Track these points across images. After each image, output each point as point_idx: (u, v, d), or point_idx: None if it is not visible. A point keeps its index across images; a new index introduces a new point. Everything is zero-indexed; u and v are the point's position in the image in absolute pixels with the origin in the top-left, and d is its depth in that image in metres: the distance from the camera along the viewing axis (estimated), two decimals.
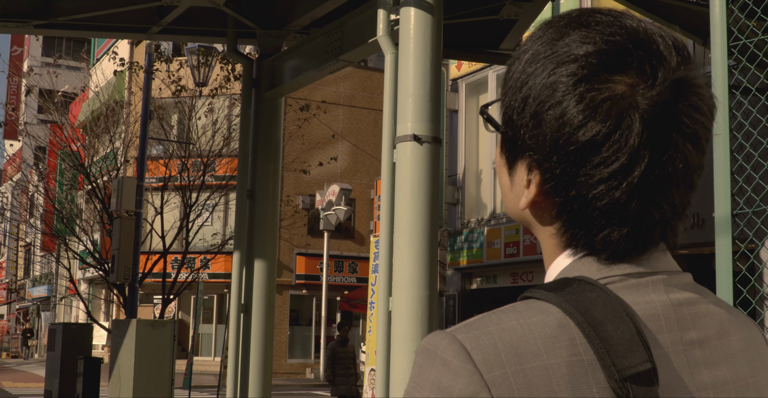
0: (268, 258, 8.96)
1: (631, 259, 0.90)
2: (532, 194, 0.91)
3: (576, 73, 0.86)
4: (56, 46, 48.60)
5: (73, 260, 21.87)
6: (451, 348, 0.82)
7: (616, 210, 0.88)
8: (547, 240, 0.94)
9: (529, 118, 0.89)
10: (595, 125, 0.85)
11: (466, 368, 0.81)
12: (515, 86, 0.91)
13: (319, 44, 8.23)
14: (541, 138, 0.88)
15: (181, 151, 20.28)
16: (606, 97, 0.85)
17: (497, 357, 0.81)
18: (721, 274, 3.67)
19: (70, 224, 20.30)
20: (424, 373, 0.83)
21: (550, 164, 0.88)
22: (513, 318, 0.84)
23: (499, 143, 0.96)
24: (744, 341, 0.95)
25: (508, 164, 0.94)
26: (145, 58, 16.36)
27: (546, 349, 0.82)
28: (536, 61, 0.89)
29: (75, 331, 13.76)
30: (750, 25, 4.01)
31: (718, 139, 3.74)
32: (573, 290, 0.85)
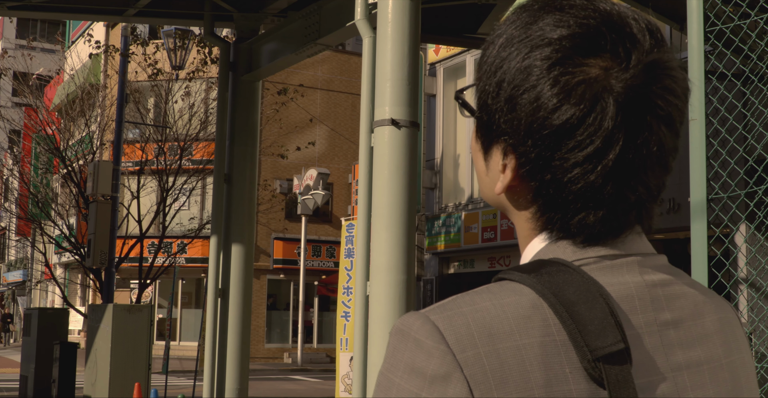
0: (246, 243, 8.94)
1: (606, 242, 0.91)
2: (508, 179, 0.91)
3: (550, 57, 0.86)
4: (30, 28, 48.05)
5: (49, 245, 21.71)
6: (425, 329, 0.82)
7: (592, 193, 0.88)
8: (522, 224, 0.94)
9: (504, 102, 0.88)
10: (570, 108, 0.85)
11: (439, 348, 0.81)
12: (490, 71, 0.91)
13: (296, 28, 8.18)
14: (516, 122, 0.88)
15: (157, 135, 20.16)
16: (580, 81, 0.85)
17: (470, 338, 0.82)
18: (696, 258, 3.69)
19: (46, 208, 20.15)
20: (398, 354, 0.83)
21: (525, 148, 0.88)
22: (486, 299, 0.84)
23: (474, 128, 0.96)
24: (718, 322, 0.95)
25: (483, 149, 0.94)
26: (121, 40, 16.21)
27: (519, 329, 0.82)
28: (510, 46, 0.89)
29: (51, 316, 13.69)
30: (726, 11, 4.02)
31: (694, 124, 3.75)
32: (547, 271, 0.86)
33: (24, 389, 13.52)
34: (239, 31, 9.13)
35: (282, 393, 18.06)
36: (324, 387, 19.90)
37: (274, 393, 17.71)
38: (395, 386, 0.83)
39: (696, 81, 3.80)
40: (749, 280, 7.35)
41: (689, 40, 3.85)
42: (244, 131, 8.94)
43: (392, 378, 0.83)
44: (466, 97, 0.98)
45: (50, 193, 21.43)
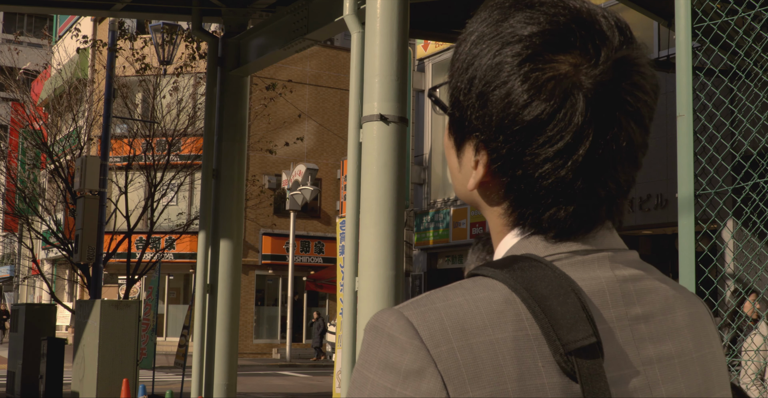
0: (234, 238, 8.93)
1: (577, 237, 0.92)
2: (480, 175, 0.91)
3: (521, 54, 0.87)
4: (17, 22, 47.78)
5: (36, 240, 21.62)
6: (398, 325, 0.83)
7: (563, 189, 0.89)
8: (495, 220, 0.95)
9: (476, 98, 0.90)
10: (540, 104, 0.86)
11: (412, 344, 0.82)
12: (462, 68, 0.92)
13: (284, 23, 8.17)
14: (488, 118, 0.89)
15: (145, 130, 20.09)
16: (550, 77, 0.86)
17: (443, 333, 0.82)
18: (684, 254, 3.71)
19: (33, 203, 20.06)
20: (372, 350, 0.84)
21: (497, 143, 0.89)
22: (459, 295, 0.85)
23: (446, 125, 0.97)
24: (689, 317, 0.96)
25: (456, 146, 0.95)
26: (109, 35, 16.13)
27: (492, 324, 0.83)
28: (482, 43, 0.90)
29: (38, 312, 13.64)
30: (714, 7, 4.03)
31: (681, 120, 3.76)
32: (519, 267, 0.87)
33: (11, 385, 13.47)
34: (227, 26, 9.11)
35: (271, 388, 18.05)
36: (313, 382, 19.91)
37: (263, 389, 17.70)
38: (369, 382, 0.83)
39: (683, 77, 3.81)
40: (736, 275, 7.38)
41: (677, 37, 3.85)
42: (233, 127, 8.92)
43: (366, 374, 0.84)
44: (439, 94, 0.99)
45: (37, 188, 21.34)
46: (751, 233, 6.93)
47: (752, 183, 4.00)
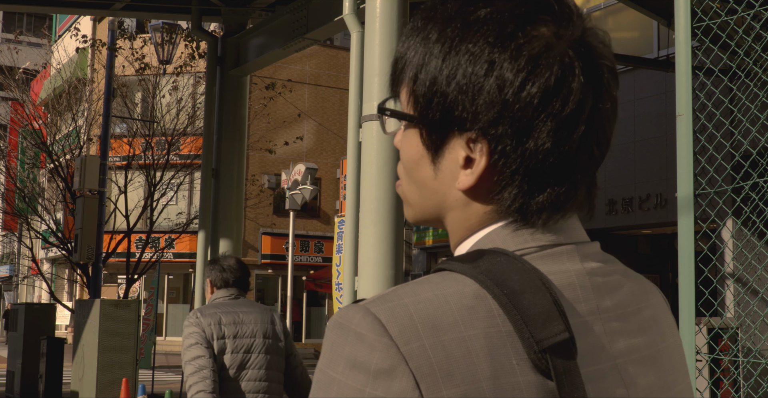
0: (233, 238, 8.93)
1: (545, 229, 0.89)
2: (482, 167, 0.87)
3: (501, 34, 0.86)
4: (17, 21, 47.77)
5: (36, 240, 21.63)
6: (366, 322, 0.80)
7: (563, 165, 0.88)
8: (470, 217, 0.91)
9: (463, 91, 0.86)
10: (538, 77, 0.85)
11: (381, 341, 0.79)
12: (433, 66, 0.88)
13: (284, 22, 8.17)
14: (483, 106, 0.86)
15: (145, 129, 20.08)
16: (539, 49, 0.85)
17: (414, 329, 0.79)
18: (683, 253, 3.70)
19: (32, 203, 20.05)
20: (337, 348, 0.81)
21: (498, 129, 0.86)
22: (428, 290, 0.82)
23: (414, 134, 0.92)
24: (653, 307, 0.96)
25: (433, 151, 0.90)
26: (108, 35, 16.12)
27: (463, 320, 0.80)
28: (447, 37, 0.88)
29: (38, 311, 13.64)
30: (713, 7, 4.03)
31: (681, 119, 3.76)
32: (487, 261, 0.84)
33: (11, 384, 13.47)
34: (227, 26, 9.11)
35: None
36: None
37: None
38: (336, 383, 0.80)
39: (683, 77, 3.80)
40: (736, 275, 7.38)
41: (677, 36, 3.85)
42: (232, 126, 8.92)
43: (332, 375, 0.80)
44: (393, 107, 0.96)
45: (37, 188, 21.34)
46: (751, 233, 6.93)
47: (751, 183, 4.00)
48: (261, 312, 4.32)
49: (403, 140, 0.94)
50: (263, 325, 4.27)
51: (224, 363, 4.13)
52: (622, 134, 13.51)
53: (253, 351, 4.21)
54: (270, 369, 4.25)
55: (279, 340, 4.32)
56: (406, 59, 0.91)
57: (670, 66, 10.29)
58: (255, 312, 4.30)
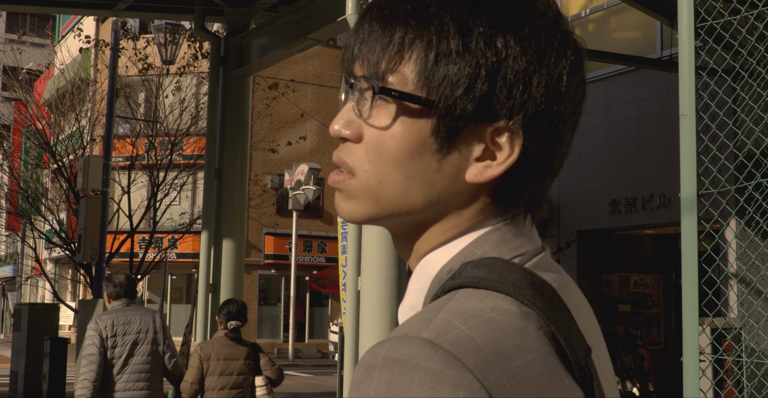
0: (237, 238, 8.94)
1: (529, 232, 0.88)
2: (513, 159, 0.82)
3: (546, 33, 0.85)
4: (20, 22, 47.83)
5: (39, 240, 21.63)
6: (438, 356, 0.71)
7: (556, 162, 0.89)
8: (461, 214, 0.86)
9: (512, 80, 0.82)
10: (571, 76, 0.85)
11: (464, 377, 0.71)
12: (474, 57, 0.82)
13: (287, 22, 8.17)
14: (525, 98, 0.82)
15: (148, 129, 20.10)
16: (573, 50, 0.87)
17: (486, 361, 0.73)
18: (687, 254, 3.70)
19: (36, 203, 20.08)
20: (400, 389, 0.70)
21: (539, 121, 0.83)
22: (475, 314, 0.76)
23: (418, 120, 0.83)
24: (588, 307, 0.93)
25: (444, 141, 0.83)
26: (111, 35, 16.13)
27: (522, 344, 0.75)
28: (496, 33, 0.83)
29: (41, 311, 13.66)
30: (717, 7, 4.03)
31: (684, 119, 3.76)
32: (507, 275, 0.79)
33: (14, 384, 13.48)
34: (230, 26, 9.11)
35: None
36: (315, 382, 19.91)
37: None
38: None
39: (686, 77, 3.80)
40: (739, 275, 7.37)
41: (680, 36, 3.85)
42: (235, 126, 8.92)
43: None
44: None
45: (40, 188, 21.36)
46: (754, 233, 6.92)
47: (755, 183, 4.00)
48: (145, 313, 5.82)
49: (395, 126, 0.83)
50: (146, 324, 5.75)
51: (116, 353, 5.63)
52: (625, 134, 13.50)
53: (139, 342, 5.70)
54: (151, 355, 5.74)
55: (157, 333, 5.77)
56: (415, 34, 0.82)
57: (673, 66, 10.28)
58: (140, 314, 5.79)
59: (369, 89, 0.84)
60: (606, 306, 14.45)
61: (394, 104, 0.83)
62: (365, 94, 0.85)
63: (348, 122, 0.88)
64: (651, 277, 15.15)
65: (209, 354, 6.06)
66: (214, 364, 6.04)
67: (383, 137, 0.84)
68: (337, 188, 0.90)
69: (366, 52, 0.85)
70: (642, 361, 14.02)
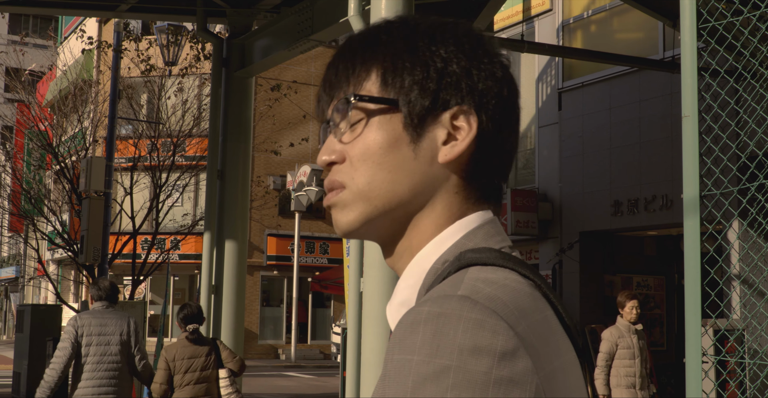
0: (239, 239, 8.93)
1: (501, 229, 1.02)
2: (473, 134, 0.98)
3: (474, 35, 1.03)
4: (23, 23, 47.88)
5: (42, 241, 21.67)
6: (478, 308, 0.84)
7: (514, 147, 1.05)
8: (450, 201, 1.00)
9: (456, 74, 0.99)
10: (504, 68, 1.03)
11: (501, 325, 0.83)
12: (428, 52, 1.00)
13: (289, 24, 8.17)
14: (478, 83, 0.99)
15: (150, 131, 20.11)
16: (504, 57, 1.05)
17: (513, 314, 0.85)
18: (689, 255, 3.70)
19: (38, 204, 20.09)
20: (446, 338, 0.82)
21: (488, 101, 0.99)
22: (492, 281, 0.89)
23: (390, 118, 0.99)
24: None
25: (414, 132, 0.98)
26: (114, 36, 16.14)
27: (535, 305, 0.89)
28: (440, 41, 1.01)
29: (44, 312, 13.65)
30: (719, 8, 4.03)
31: (686, 121, 3.76)
32: (507, 257, 0.94)
33: (17, 385, 13.49)
34: (232, 27, 9.12)
35: (276, 389, 18.06)
36: (318, 383, 19.91)
37: (268, 390, 17.71)
38: (453, 369, 0.81)
39: (689, 78, 3.80)
40: (742, 276, 7.37)
41: (682, 37, 3.85)
42: (237, 127, 8.92)
43: (445, 363, 0.81)
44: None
45: (43, 189, 21.37)
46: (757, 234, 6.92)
47: (758, 184, 3.99)
48: (120, 317, 6.49)
49: (372, 131, 0.99)
50: (120, 327, 6.41)
51: (90, 351, 6.26)
52: (627, 135, 13.49)
53: (112, 343, 6.35)
54: (122, 355, 6.38)
55: (129, 337, 6.43)
56: (373, 58, 1.00)
57: (676, 67, 10.28)
58: (116, 317, 6.46)
59: (344, 111, 1.00)
60: (608, 307, 14.45)
61: (367, 114, 1.00)
62: (341, 120, 1.01)
63: (332, 150, 1.02)
64: (653, 278, 15.14)
65: (174, 355, 6.57)
66: (179, 364, 6.54)
67: (365, 142, 0.99)
68: (332, 205, 1.02)
69: (336, 91, 1.03)
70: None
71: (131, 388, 6.64)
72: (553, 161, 14.94)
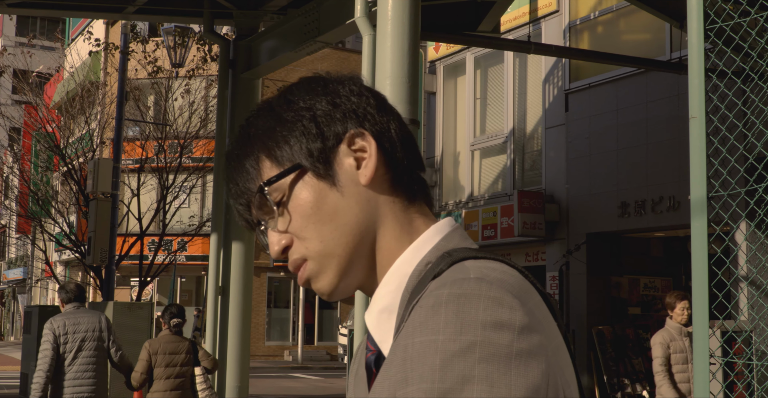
0: (245, 240, 8.94)
1: (466, 234, 1.08)
2: (374, 158, 1.05)
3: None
4: (30, 25, 48.01)
5: (49, 243, 21.71)
6: (494, 287, 0.90)
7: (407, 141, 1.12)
8: (397, 216, 1.06)
9: (326, 110, 1.07)
10: (377, 97, 1.12)
11: (516, 302, 0.89)
12: (310, 114, 1.08)
13: (296, 25, 8.17)
14: (360, 110, 1.08)
15: (157, 132, 20.15)
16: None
17: (520, 294, 0.92)
18: (697, 256, 3.69)
19: (46, 205, 20.14)
20: (468, 316, 0.87)
21: (374, 119, 1.08)
22: (491, 269, 0.95)
23: (303, 181, 1.06)
24: None
25: (329, 176, 1.05)
26: (121, 38, 16.18)
27: (529, 291, 0.95)
28: (316, 96, 1.10)
29: (51, 314, 13.63)
30: (726, 9, 4.02)
31: (694, 122, 3.75)
32: (492, 254, 1.00)
33: (24, 386, 13.51)
34: (239, 29, 9.13)
35: (282, 390, 18.07)
36: (324, 384, 19.91)
37: (275, 391, 17.72)
38: (478, 344, 0.86)
39: (696, 79, 3.79)
40: (749, 278, 7.35)
41: (689, 38, 3.84)
42: None
43: (470, 339, 0.86)
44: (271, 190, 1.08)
45: (50, 191, 21.43)
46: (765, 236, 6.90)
47: (765, 185, 3.98)
48: (92, 315, 6.98)
49: (296, 199, 1.06)
50: (93, 324, 6.90)
51: (68, 348, 6.78)
52: (634, 136, 13.47)
53: (86, 340, 6.84)
54: (97, 350, 6.90)
55: (103, 332, 6.93)
56: (255, 152, 1.08)
57: (683, 68, 10.25)
58: (88, 315, 6.94)
59: (265, 203, 1.07)
60: (615, 308, 14.42)
61: (284, 194, 1.06)
62: (268, 215, 1.07)
63: (278, 240, 1.08)
64: (661, 280, 15.10)
65: (157, 349, 7.32)
66: (160, 358, 7.29)
67: (297, 212, 1.05)
68: (306, 279, 1.08)
69: (246, 197, 1.09)
70: (652, 364, 13.97)
71: (107, 380, 7.21)
72: (559, 163, 14.92)
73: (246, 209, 1.10)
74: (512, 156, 16.11)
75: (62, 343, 6.80)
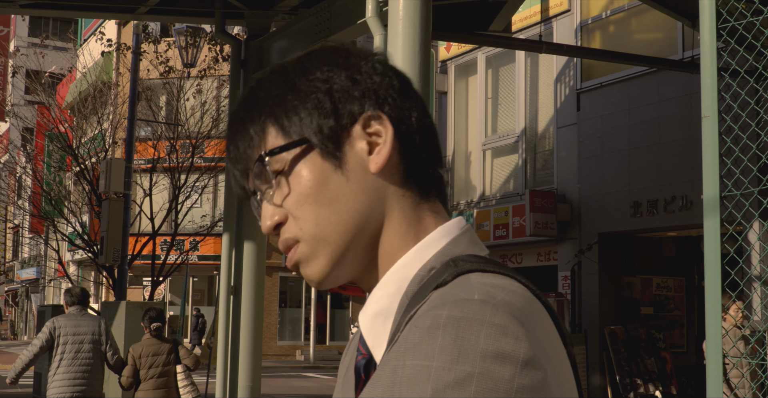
0: (258, 240, 8.96)
1: (477, 238, 1.01)
2: (389, 145, 0.97)
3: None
4: (43, 26, 48.21)
5: (62, 242, 21.80)
6: (500, 314, 0.81)
7: (429, 133, 1.04)
8: (405, 209, 0.98)
9: (349, 86, 0.99)
10: (399, 75, 1.05)
11: (523, 331, 0.81)
12: (330, 86, 1.00)
13: (307, 25, 8.18)
14: (363, 92, 0.99)
15: (169, 132, 20.20)
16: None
17: (528, 320, 0.83)
18: (710, 256, 3.68)
19: (59, 205, 20.22)
20: (468, 343, 0.79)
21: (394, 102, 0.99)
22: (500, 288, 0.86)
23: (308, 158, 0.98)
24: None
25: (336, 158, 0.97)
26: (133, 38, 16.24)
27: (538, 315, 0.86)
28: (335, 68, 1.02)
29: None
30: (739, 8, 4.00)
31: (706, 121, 3.74)
32: (500, 265, 0.92)
33: (38, 385, 13.58)
34: (250, 29, 9.14)
35: (294, 390, 18.09)
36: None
37: (287, 390, 17.74)
38: (476, 377, 0.78)
39: (708, 78, 3.78)
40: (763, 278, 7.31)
41: (701, 37, 3.83)
42: None
43: (467, 370, 0.78)
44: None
45: (63, 191, 21.52)
46: None
47: None
48: (93, 320, 7.59)
49: (297, 176, 0.98)
50: (92, 328, 7.49)
51: (68, 349, 7.34)
52: (646, 136, 13.43)
53: (85, 342, 7.42)
54: (94, 352, 7.49)
55: (101, 336, 7.53)
56: (259, 116, 1.00)
57: (695, 67, 10.22)
58: (89, 319, 7.54)
59: (264, 173, 0.99)
60: (628, 308, 14.38)
61: (285, 167, 0.98)
62: (266, 185, 1.00)
63: (271, 215, 0.99)
64: (673, 279, 15.05)
65: (140, 352, 7.93)
66: (144, 360, 7.90)
67: (296, 190, 0.97)
68: (296, 263, 0.99)
69: (245, 163, 1.01)
70: (665, 364, 13.93)
71: (102, 380, 7.82)
72: (571, 162, 14.89)
73: (243, 176, 1.03)
74: (524, 156, 16.09)
75: (61, 343, 7.38)
